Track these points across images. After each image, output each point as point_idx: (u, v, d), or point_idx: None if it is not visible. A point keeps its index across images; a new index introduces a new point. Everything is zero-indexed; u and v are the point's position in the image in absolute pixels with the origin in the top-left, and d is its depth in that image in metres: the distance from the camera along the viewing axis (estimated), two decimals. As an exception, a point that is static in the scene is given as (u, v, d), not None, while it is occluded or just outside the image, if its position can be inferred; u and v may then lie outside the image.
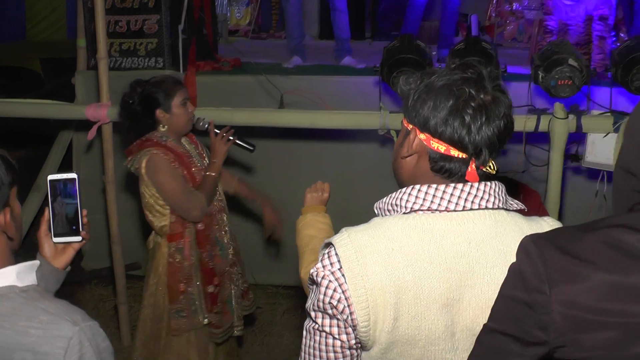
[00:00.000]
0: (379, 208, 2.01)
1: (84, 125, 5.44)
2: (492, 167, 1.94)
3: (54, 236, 2.28)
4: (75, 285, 6.24)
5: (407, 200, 1.92)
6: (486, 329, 1.81)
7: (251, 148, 4.33)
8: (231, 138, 4.17)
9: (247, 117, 4.67)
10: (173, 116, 4.04)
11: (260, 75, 5.66)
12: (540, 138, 4.59)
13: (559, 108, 4.33)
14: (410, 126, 1.97)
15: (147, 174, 3.96)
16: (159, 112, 4.00)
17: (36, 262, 2.07)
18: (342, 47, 6.93)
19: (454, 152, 1.90)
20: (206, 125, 4.21)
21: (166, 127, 4.04)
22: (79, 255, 6.69)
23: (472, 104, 1.86)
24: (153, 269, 4.22)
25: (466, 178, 1.92)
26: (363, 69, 6.44)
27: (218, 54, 6.93)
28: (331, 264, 1.89)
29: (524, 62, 6.64)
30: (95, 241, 6.53)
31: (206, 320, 4.23)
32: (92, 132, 4.87)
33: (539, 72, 4.50)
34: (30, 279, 2.01)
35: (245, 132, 5.12)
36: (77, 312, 1.97)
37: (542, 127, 4.38)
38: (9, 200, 1.99)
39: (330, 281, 1.88)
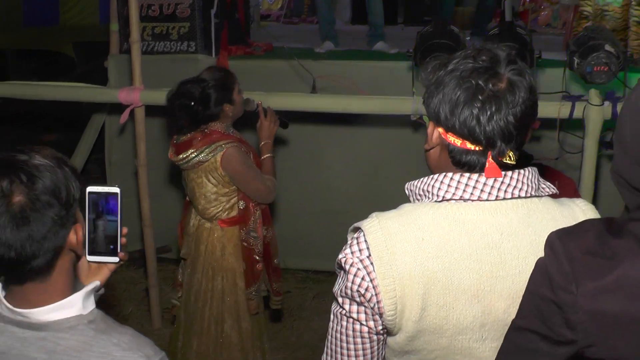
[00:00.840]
0: (410, 190, 1.99)
1: (117, 108, 5.46)
2: (510, 158, 1.89)
3: (89, 254, 2.05)
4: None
5: (439, 188, 1.90)
6: (514, 325, 1.80)
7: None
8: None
9: (280, 101, 4.66)
10: (235, 106, 4.14)
11: (293, 60, 5.64)
12: (575, 125, 4.53)
13: (594, 95, 4.28)
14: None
15: (225, 167, 4.04)
16: (226, 107, 4.08)
17: (96, 283, 1.97)
18: (375, 33, 6.88)
19: (470, 145, 1.87)
20: (255, 106, 4.32)
21: (230, 117, 4.15)
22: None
23: (480, 96, 1.81)
24: (202, 253, 4.30)
25: (485, 174, 1.88)
26: (395, 54, 6.40)
27: (250, 38, 6.92)
28: (360, 250, 1.88)
29: (559, 48, 6.56)
30: (127, 224, 6.58)
31: (266, 292, 4.49)
32: (125, 116, 4.89)
33: (575, 58, 4.44)
34: (91, 302, 1.92)
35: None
36: (147, 344, 1.88)
37: (577, 113, 4.34)
38: (77, 217, 1.88)
39: (358, 269, 1.87)
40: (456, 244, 1.85)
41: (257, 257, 4.26)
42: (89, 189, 2.01)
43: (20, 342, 1.81)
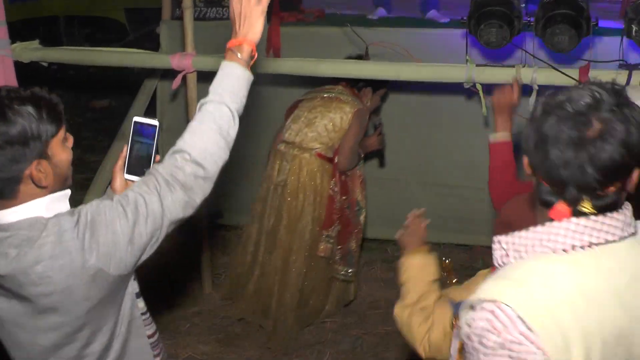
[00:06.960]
0: (519, 246, 1.83)
1: (169, 74, 5.48)
2: None
3: (126, 172, 2.49)
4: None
5: (564, 236, 1.78)
6: None
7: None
8: None
9: (332, 68, 4.64)
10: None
11: (345, 27, 5.61)
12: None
13: (653, 62, 4.20)
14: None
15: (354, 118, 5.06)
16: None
17: (67, 192, 2.29)
18: (428, 0, 6.80)
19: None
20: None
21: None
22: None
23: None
24: (308, 186, 4.98)
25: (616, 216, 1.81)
26: (448, 22, 6.33)
27: (302, 5, 6.88)
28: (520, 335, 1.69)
29: (616, 16, 6.44)
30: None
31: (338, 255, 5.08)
32: (177, 81, 4.89)
33: (633, 25, 4.34)
34: (60, 207, 2.23)
35: (329, 82, 5.09)
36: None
37: (634, 82, 4.25)
38: (45, 151, 2.17)
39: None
40: (599, 293, 1.76)
41: (336, 210, 4.89)
42: (135, 118, 2.49)
43: None
